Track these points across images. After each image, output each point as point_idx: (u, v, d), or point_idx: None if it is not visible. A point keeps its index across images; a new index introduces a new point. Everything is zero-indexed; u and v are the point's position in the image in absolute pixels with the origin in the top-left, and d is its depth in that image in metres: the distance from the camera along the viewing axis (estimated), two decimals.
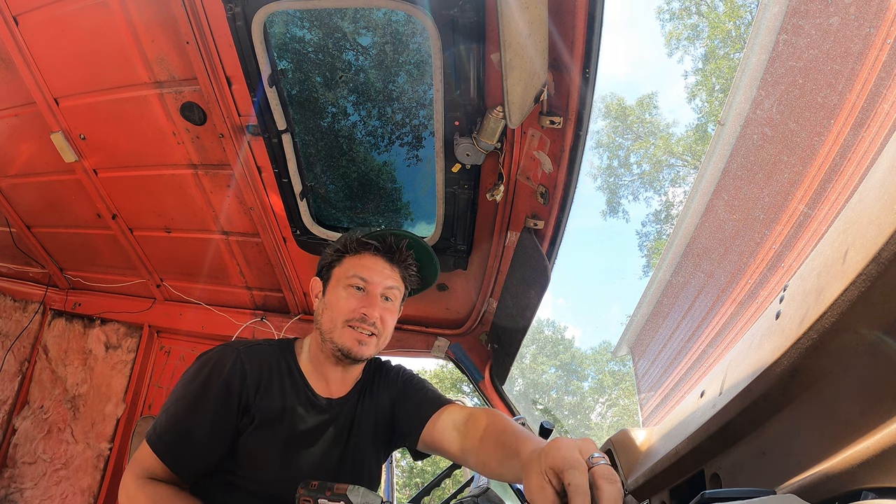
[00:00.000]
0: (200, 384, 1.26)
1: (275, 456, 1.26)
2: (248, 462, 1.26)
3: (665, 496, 1.01)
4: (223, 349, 1.34)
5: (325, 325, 1.35)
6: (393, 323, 1.42)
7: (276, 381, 1.32)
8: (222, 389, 1.25)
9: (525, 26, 1.30)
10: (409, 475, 15.24)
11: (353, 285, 1.35)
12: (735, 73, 7.31)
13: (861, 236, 0.54)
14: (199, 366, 1.31)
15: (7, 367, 2.99)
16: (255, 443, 1.26)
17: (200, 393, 1.25)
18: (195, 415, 1.24)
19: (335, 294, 1.36)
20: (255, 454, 1.26)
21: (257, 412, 1.26)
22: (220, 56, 1.87)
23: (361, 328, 1.32)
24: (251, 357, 1.31)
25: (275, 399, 1.30)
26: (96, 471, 2.77)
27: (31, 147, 2.45)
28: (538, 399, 24.41)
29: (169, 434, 1.23)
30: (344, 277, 1.37)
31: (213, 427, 1.24)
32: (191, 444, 1.23)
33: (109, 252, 2.86)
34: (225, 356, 1.30)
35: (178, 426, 1.24)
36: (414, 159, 2.19)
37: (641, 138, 19.53)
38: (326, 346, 1.35)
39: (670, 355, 10.53)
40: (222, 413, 1.24)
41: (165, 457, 1.22)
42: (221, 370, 1.27)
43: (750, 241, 7.51)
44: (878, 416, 0.52)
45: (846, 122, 5.56)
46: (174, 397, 1.28)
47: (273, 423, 1.28)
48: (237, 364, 1.28)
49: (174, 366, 2.97)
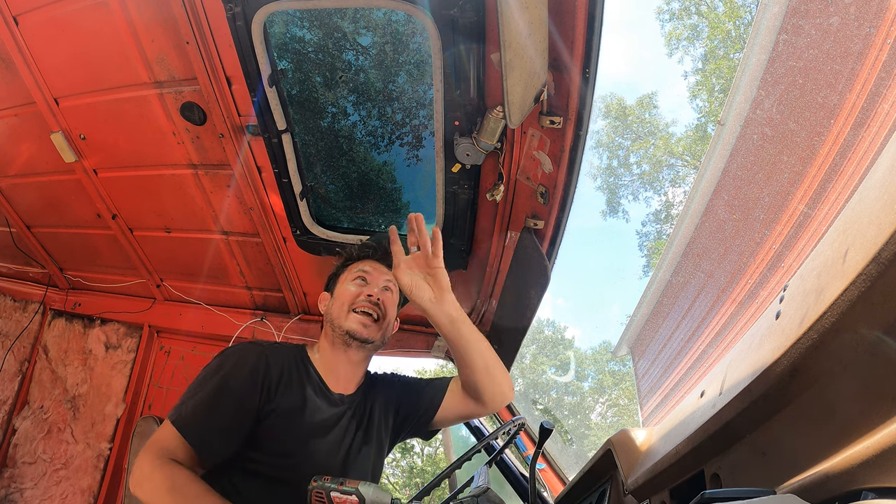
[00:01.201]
0: (227, 374, 1.37)
1: (296, 443, 1.37)
2: (272, 449, 1.35)
3: (665, 496, 1.01)
4: (248, 345, 1.49)
5: (334, 314, 1.54)
6: (393, 312, 1.59)
7: (296, 376, 1.45)
8: (248, 380, 1.36)
9: (525, 26, 1.30)
10: (409, 475, 15.24)
11: (357, 278, 1.57)
12: (735, 73, 7.32)
13: (861, 236, 0.54)
14: (224, 357, 1.42)
15: (7, 367, 2.99)
16: (279, 431, 1.36)
17: (227, 382, 1.35)
18: (223, 402, 1.33)
19: (342, 289, 1.57)
20: (278, 441, 1.36)
21: (280, 403, 1.37)
22: (220, 56, 1.87)
23: (366, 308, 1.51)
24: (274, 353, 1.45)
25: (295, 392, 1.42)
26: (96, 471, 2.77)
27: (31, 147, 2.45)
28: (538, 399, 24.41)
29: (197, 419, 1.31)
30: (348, 276, 1.59)
31: (238, 414, 1.33)
32: (218, 429, 1.32)
33: (109, 252, 2.86)
34: (250, 350, 1.44)
35: (207, 411, 1.32)
36: (414, 159, 2.19)
37: (641, 138, 19.54)
38: (336, 334, 1.52)
39: (670, 355, 10.53)
40: (247, 402, 1.34)
41: (194, 439, 1.29)
42: (246, 362, 1.39)
43: (750, 241, 7.52)
44: (878, 416, 0.52)
45: (846, 122, 5.56)
46: (199, 385, 1.37)
47: (295, 413, 1.39)
48: (262, 358, 1.41)
49: (174, 366, 2.97)
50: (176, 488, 1.22)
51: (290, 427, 1.38)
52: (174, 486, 1.22)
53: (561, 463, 2.50)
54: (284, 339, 2.79)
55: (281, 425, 1.37)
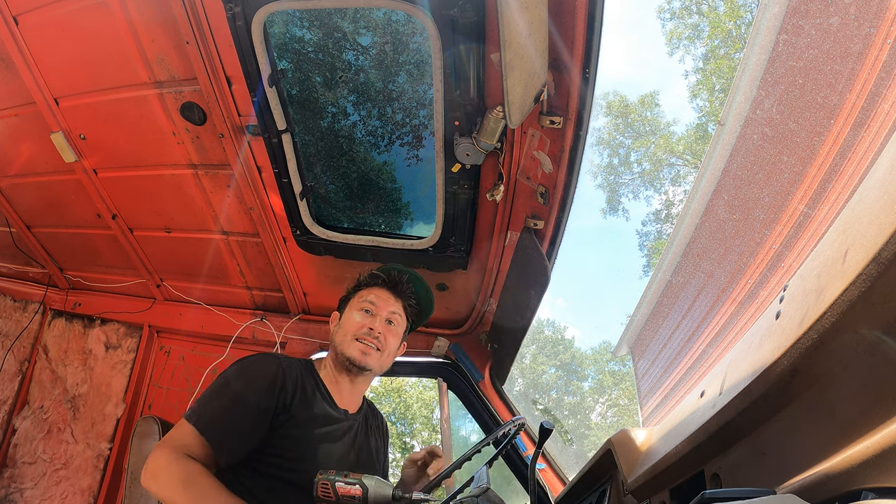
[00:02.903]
0: (248, 382, 1.49)
1: (309, 448, 1.50)
2: (286, 453, 1.46)
3: (665, 496, 1.01)
4: (265, 356, 1.63)
5: (338, 340, 1.68)
6: (395, 344, 1.74)
7: (310, 389, 1.58)
8: (268, 388, 1.48)
9: (525, 26, 1.30)
10: None
11: (362, 309, 1.71)
12: (735, 73, 7.31)
13: (861, 236, 0.54)
14: (244, 367, 1.54)
15: (7, 367, 2.99)
16: (294, 437, 1.48)
17: (247, 389, 1.47)
18: (243, 407, 1.44)
19: (348, 316, 1.71)
20: (292, 446, 1.47)
21: (295, 412, 1.49)
22: (220, 56, 1.86)
23: (366, 340, 1.65)
24: (290, 366, 1.57)
25: (310, 404, 1.55)
26: (96, 471, 2.77)
27: (31, 147, 2.45)
28: (538, 399, 24.40)
29: (218, 421, 1.41)
30: (356, 304, 1.73)
31: (257, 419, 1.44)
32: (238, 432, 1.42)
33: (109, 252, 2.86)
34: (268, 362, 1.57)
35: (227, 415, 1.42)
36: (414, 159, 2.19)
37: (642, 137, 19.54)
38: (339, 359, 1.66)
39: (670, 355, 10.53)
40: (265, 409, 1.45)
41: (214, 440, 1.38)
42: (265, 372, 1.51)
43: (750, 241, 7.52)
44: (878, 416, 0.52)
45: (846, 122, 5.56)
46: (219, 390, 1.48)
47: (311, 423, 1.52)
48: (280, 369, 1.53)
49: (174, 366, 2.97)
50: (190, 481, 1.29)
51: (305, 433, 1.50)
52: (189, 479, 1.29)
53: (561, 463, 2.50)
54: (285, 339, 2.79)
55: (296, 432, 1.48)
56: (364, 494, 1.20)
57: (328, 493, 1.20)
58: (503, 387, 2.68)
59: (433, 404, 17.55)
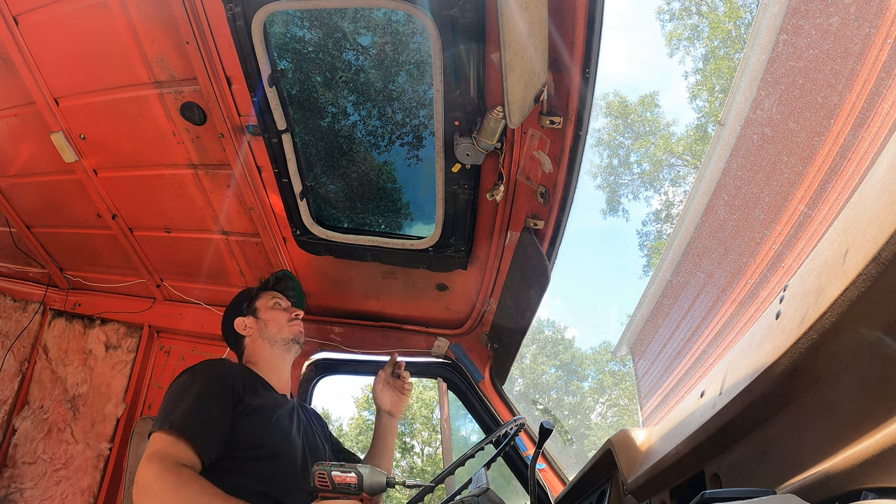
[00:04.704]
0: (207, 383, 1.65)
1: (271, 431, 1.69)
2: (251, 440, 1.62)
3: (665, 496, 1.01)
4: (211, 362, 1.82)
5: (272, 331, 2.00)
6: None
7: (252, 382, 1.79)
8: (226, 386, 1.65)
9: (525, 26, 1.30)
10: (408, 475, 15.24)
11: (277, 303, 2.10)
12: (735, 73, 7.32)
13: (861, 236, 0.54)
14: (197, 372, 1.71)
15: (7, 367, 2.99)
16: (255, 424, 1.65)
17: (210, 389, 1.63)
18: (211, 405, 1.58)
19: (271, 313, 2.05)
20: (255, 432, 1.64)
21: (250, 403, 1.67)
22: (220, 56, 1.86)
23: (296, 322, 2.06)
24: (233, 367, 1.80)
25: (259, 393, 1.75)
26: (96, 471, 2.77)
27: (31, 147, 2.45)
28: (538, 399, 24.40)
29: (191, 419, 1.52)
30: (269, 302, 2.09)
31: (224, 414, 1.59)
32: (214, 429, 1.55)
33: (109, 252, 2.85)
34: (217, 365, 1.77)
35: (200, 415, 1.54)
36: (414, 159, 2.19)
37: (642, 137, 19.54)
38: (281, 342, 1.98)
39: (670, 355, 10.54)
40: (228, 403, 1.62)
41: (191, 437, 1.47)
42: (219, 374, 1.70)
43: (750, 241, 7.52)
44: (878, 416, 0.52)
45: (846, 122, 5.56)
46: (179, 396, 1.61)
47: (264, 409, 1.71)
48: (228, 369, 1.74)
49: (174, 366, 2.97)
50: (183, 484, 1.34)
51: (261, 419, 1.68)
52: (181, 483, 1.34)
53: (561, 463, 2.50)
54: None
55: (255, 419, 1.66)
56: (359, 481, 1.26)
57: (325, 481, 1.25)
58: (503, 387, 2.68)
59: (433, 404, 17.55)
